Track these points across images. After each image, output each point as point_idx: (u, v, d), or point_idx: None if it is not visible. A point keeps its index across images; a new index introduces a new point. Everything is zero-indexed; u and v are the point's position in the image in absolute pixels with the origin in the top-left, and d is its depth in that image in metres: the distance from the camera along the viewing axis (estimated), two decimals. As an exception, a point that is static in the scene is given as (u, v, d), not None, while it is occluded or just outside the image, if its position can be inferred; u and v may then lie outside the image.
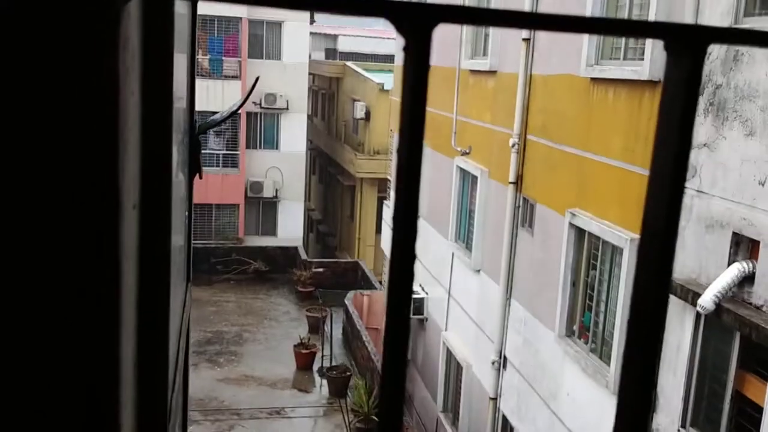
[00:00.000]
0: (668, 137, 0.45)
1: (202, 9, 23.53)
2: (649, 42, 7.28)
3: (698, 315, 6.43)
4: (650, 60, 7.24)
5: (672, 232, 0.46)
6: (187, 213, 1.81)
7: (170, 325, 1.13)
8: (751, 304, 5.96)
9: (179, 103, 1.48)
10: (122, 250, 0.58)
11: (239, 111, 22.99)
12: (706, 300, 6.04)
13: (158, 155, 0.86)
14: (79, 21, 0.49)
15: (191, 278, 1.97)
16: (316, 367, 17.12)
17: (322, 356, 17.05)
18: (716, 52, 6.34)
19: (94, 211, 0.53)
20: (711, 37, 0.45)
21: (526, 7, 9.89)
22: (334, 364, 16.80)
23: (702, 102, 6.57)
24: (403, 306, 0.42)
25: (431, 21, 0.40)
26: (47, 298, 0.55)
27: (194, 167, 1.82)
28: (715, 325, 6.35)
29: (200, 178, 1.89)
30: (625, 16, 7.99)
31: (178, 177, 1.51)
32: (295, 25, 25.38)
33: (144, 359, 0.86)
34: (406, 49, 0.39)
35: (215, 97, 23.58)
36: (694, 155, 6.66)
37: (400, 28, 0.40)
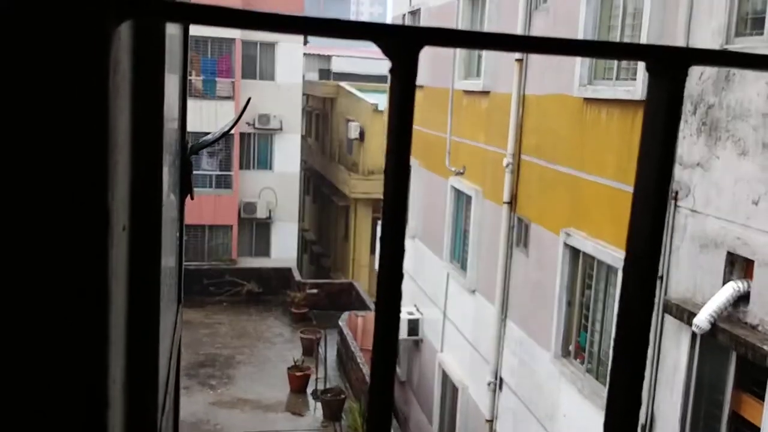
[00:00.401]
0: (650, 156, 0.46)
1: (195, 30, 23.64)
2: (641, 62, 7.32)
3: (694, 335, 6.40)
4: (643, 80, 7.28)
5: (655, 251, 0.46)
6: (178, 234, 1.78)
7: (160, 347, 1.10)
8: (746, 323, 5.94)
9: (171, 123, 1.47)
10: (111, 272, 0.58)
11: (232, 132, 22.98)
12: (702, 319, 6.02)
13: (149, 176, 0.87)
14: (69, 44, 0.49)
15: (183, 300, 1.94)
16: (310, 389, 16.98)
17: (317, 379, 16.91)
18: (708, 71, 6.38)
19: (82, 233, 0.53)
20: (692, 59, 0.46)
21: (519, 29, 9.96)
22: (328, 386, 16.67)
23: (695, 121, 6.60)
24: (392, 325, 0.42)
25: (416, 44, 0.40)
26: (33, 321, 0.54)
27: (185, 188, 1.81)
28: (711, 345, 6.33)
29: (191, 199, 1.86)
30: (617, 37, 8.05)
31: (170, 198, 1.50)
32: (289, 46, 25.51)
33: (133, 381, 0.84)
34: (392, 71, 0.40)
35: (208, 118, 23.61)
36: (687, 175, 6.67)
37: (386, 51, 0.40)
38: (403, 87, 0.40)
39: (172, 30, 1.44)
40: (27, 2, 0.47)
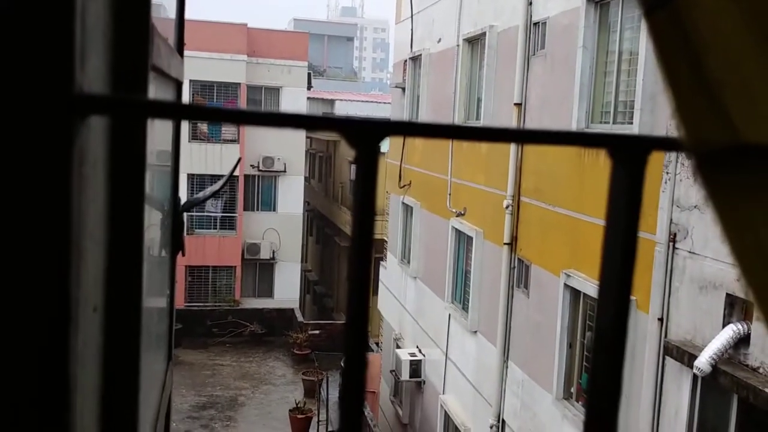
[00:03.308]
0: (614, 242, 0.47)
1: (201, 75, 24.00)
2: (638, 104, 7.45)
3: (695, 377, 6.38)
4: (639, 123, 7.39)
5: (621, 341, 0.48)
6: (169, 292, 1.82)
7: (143, 420, 1.11)
8: (747, 365, 5.93)
9: (162, 180, 1.53)
10: (74, 354, 0.57)
11: (222, 189, 23.08)
12: (702, 362, 6.01)
13: (127, 255, 0.87)
14: (35, 140, 0.50)
15: (173, 358, 1.97)
16: (312, 432, 16.82)
17: (318, 421, 16.75)
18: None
19: (43, 318, 0.53)
20: (652, 146, 0.48)
21: (517, 75, 10.13)
22: (330, 429, 16.49)
23: (691, 164, 6.68)
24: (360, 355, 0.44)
25: (378, 135, 0.44)
26: None
27: (176, 245, 1.85)
28: (713, 388, 6.30)
29: (182, 255, 1.92)
30: (614, 81, 8.20)
31: (160, 256, 1.54)
32: (293, 91, 25.87)
33: None
34: (355, 159, 0.44)
35: (213, 160, 23.85)
36: (685, 217, 6.73)
37: (349, 141, 0.44)
38: (365, 174, 0.43)
39: (167, 95, 1.50)
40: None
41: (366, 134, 0.44)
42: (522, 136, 0.50)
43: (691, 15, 0.38)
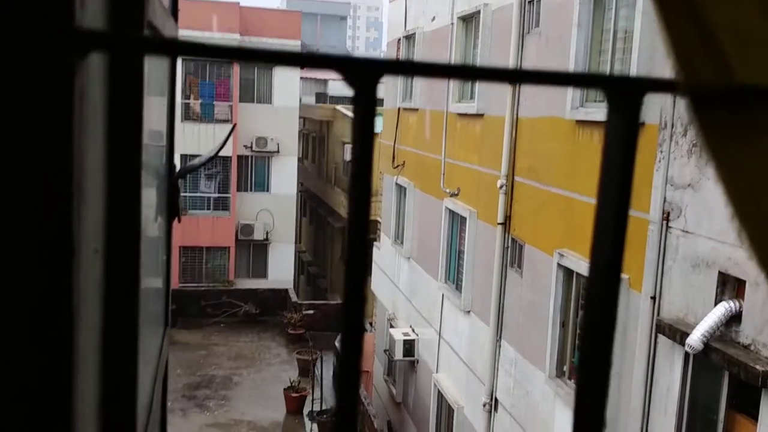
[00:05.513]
0: (609, 186, 0.47)
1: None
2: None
3: (687, 355, 6.42)
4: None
5: (614, 284, 0.47)
6: (165, 257, 1.82)
7: (142, 371, 1.12)
8: (738, 343, 5.96)
9: (154, 148, 1.51)
10: (77, 293, 0.57)
11: (218, 155, 22.94)
12: (695, 339, 6.04)
13: (126, 199, 0.88)
14: (34, 77, 0.50)
15: (170, 322, 1.97)
16: (306, 410, 16.91)
17: (313, 399, 16.85)
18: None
19: (46, 256, 0.53)
20: (648, 87, 0.47)
21: (511, 53, 10.07)
22: (324, 407, 16.59)
23: (685, 143, 6.68)
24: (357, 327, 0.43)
25: (376, 73, 0.43)
26: None
27: (173, 211, 1.84)
28: (704, 365, 6.34)
29: (179, 222, 1.91)
30: (608, 60, 8.16)
31: (156, 220, 1.53)
32: (286, 70, 25.69)
33: (109, 407, 0.84)
34: (354, 99, 0.43)
35: (207, 140, 23.71)
36: (679, 195, 6.73)
37: (348, 80, 0.43)
38: (363, 114, 0.43)
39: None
40: None
41: (364, 72, 0.43)
42: (518, 76, 0.49)
43: None
